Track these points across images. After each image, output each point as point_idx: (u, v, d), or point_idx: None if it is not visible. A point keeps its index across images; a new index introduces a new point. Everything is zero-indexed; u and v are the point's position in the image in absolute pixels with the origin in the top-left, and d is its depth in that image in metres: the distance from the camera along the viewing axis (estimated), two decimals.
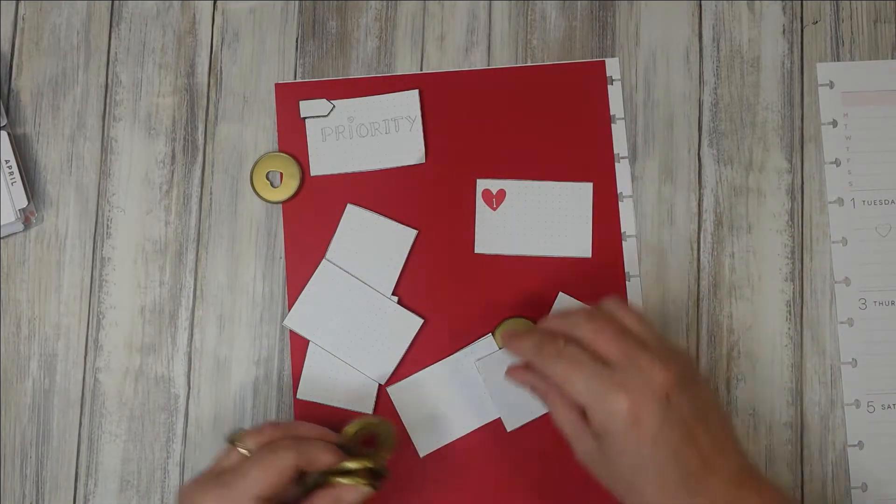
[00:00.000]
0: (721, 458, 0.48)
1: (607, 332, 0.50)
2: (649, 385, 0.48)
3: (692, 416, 0.48)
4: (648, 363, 0.48)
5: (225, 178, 0.62)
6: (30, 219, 0.61)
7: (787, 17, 0.63)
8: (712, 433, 0.48)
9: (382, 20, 0.63)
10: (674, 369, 0.48)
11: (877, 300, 0.60)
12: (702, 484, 0.47)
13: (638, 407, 0.47)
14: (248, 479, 0.49)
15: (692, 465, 0.47)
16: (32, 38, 0.63)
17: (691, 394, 0.48)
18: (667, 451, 0.47)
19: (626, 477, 0.49)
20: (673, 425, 0.47)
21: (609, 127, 0.62)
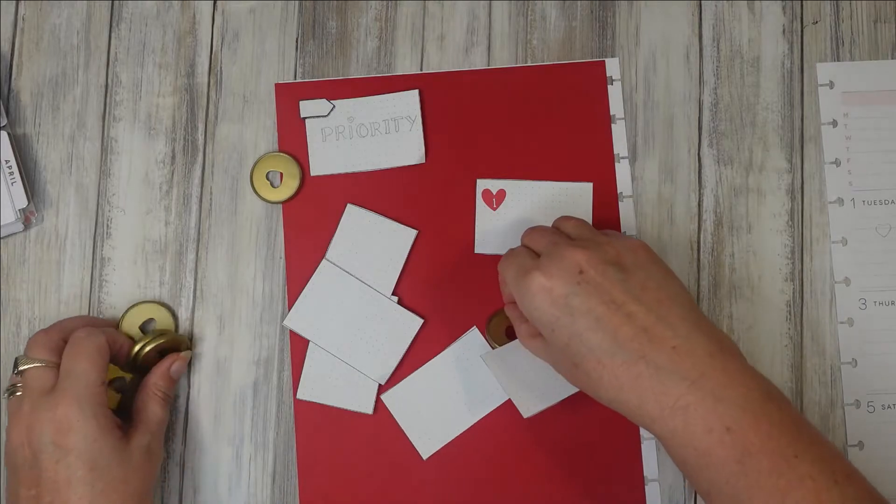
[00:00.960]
0: (665, 327, 0.47)
1: (541, 234, 0.53)
2: (562, 262, 0.49)
3: (621, 290, 0.47)
4: (566, 248, 0.50)
5: (225, 178, 0.62)
6: (30, 219, 0.61)
7: (787, 17, 0.63)
8: (652, 304, 0.47)
9: (382, 20, 0.63)
10: (594, 252, 0.49)
11: (877, 300, 0.60)
12: (640, 351, 0.46)
13: (549, 280, 0.48)
14: (79, 374, 0.51)
15: (624, 334, 0.46)
16: (32, 39, 0.63)
17: (621, 272, 0.48)
18: (587, 320, 0.47)
19: (568, 358, 0.48)
20: (590, 294, 0.47)
21: (609, 127, 0.62)
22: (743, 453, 0.44)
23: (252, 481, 0.60)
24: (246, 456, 0.60)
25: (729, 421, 0.44)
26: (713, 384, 0.45)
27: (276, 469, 0.60)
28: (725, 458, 0.44)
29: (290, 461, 0.60)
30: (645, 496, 0.59)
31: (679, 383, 0.45)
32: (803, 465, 0.44)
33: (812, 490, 0.44)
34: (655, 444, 0.59)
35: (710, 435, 0.45)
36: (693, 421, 0.45)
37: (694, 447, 0.45)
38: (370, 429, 0.59)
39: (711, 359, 0.46)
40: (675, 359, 0.46)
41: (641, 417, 0.46)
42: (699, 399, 0.45)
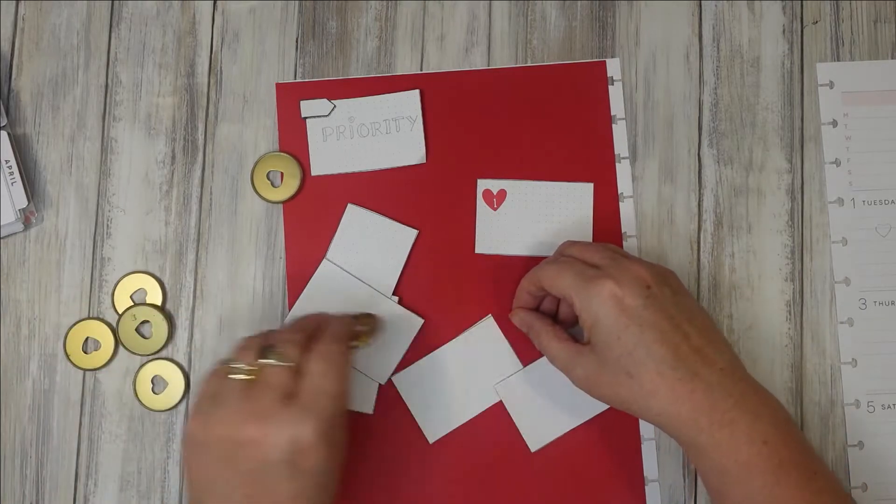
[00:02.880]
0: (713, 351, 0.51)
1: (595, 248, 0.55)
2: (631, 275, 0.51)
3: (677, 311, 0.51)
4: (630, 262, 0.52)
5: (225, 178, 0.62)
6: (30, 219, 0.61)
7: (787, 17, 0.63)
8: (700, 329, 0.51)
9: (382, 20, 0.63)
10: (654, 271, 0.52)
11: (877, 300, 0.60)
12: (696, 369, 0.50)
13: (621, 289, 0.51)
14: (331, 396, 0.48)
15: (683, 351, 0.50)
16: (32, 39, 0.63)
17: (675, 295, 0.52)
18: (655, 333, 0.50)
19: (623, 367, 0.50)
20: (657, 308, 0.50)
21: (610, 127, 0.62)
22: (778, 465, 0.49)
23: None
24: None
25: (766, 435, 0.49)
26: (753, 403, 0.50)
27: None
28: (763, 469, 0.49)
29: None
30: (645, 496, 0.59)
31: (727, 399, 0.49)
32: (821, 481, 0.50)
33: (829, 496, 0.49)
34: (655, 444, 0.59)
35: (752, 447, 0.49)
36: (737, 434, 0.49)
37: (737, 458, 0.49)
38: (371, 427, 0.59)
39: (746, 382, 0.51)
40: (723, 379, 0.50)
41: (690, 428, 0.50)
42: (742, 414, 0.49)
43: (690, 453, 0.51)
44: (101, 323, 0.60)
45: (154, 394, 0.60)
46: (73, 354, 0.60)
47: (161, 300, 0.61)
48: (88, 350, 0.60)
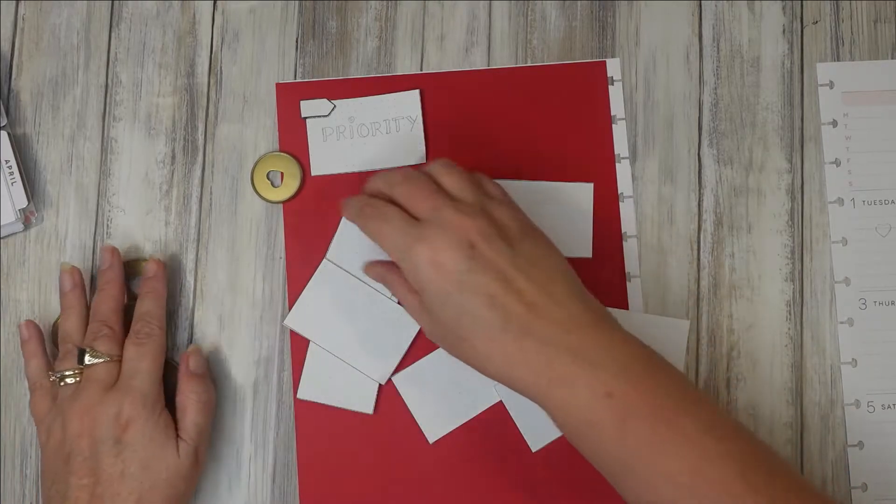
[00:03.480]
0: (551, 304, 0.47)
1: (421, 191, 0.50)
2: (450, 234, 0.48)
3: (510, 265, 0.48)
4: (452, 214, 0.49)
5: (225, 178, 0.62)
6: (30, 219, 0.61)
7: (787, 17, 0.63)
8: (538, 282, 0.48)
9: (382, 20, 0.63)
10: (482, 221, 0.49)
11: (877, 300, 0.60)
12: (528, 327, 0.47)
13: (438, 255, 0.48)
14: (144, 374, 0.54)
15: (514, 310, 0.47)
16: (32, 38, 0.63)
17: (510, 246, 0.49)
18: (480, 297, 0.47)
19: (454, 331, 0.49)
20: (483, 269, 0.47)
21: (610, 127, 0.62)
22: (624, 416, 0.46)
23: (252, 481, 0.60)
24: (246, 456, 0.60)
25: (608, 387, 0.46)
26: (593, 355, 0.47)
27: (276, 469, 0.60)
28: (607, 423, 0.46)
29: (290, 461, 0.60)
30: None
31: (563, 355, 0.46)
32: (685, 425, 0.46)
33: (694, 448, 0.45)
34: None
35: (593, 401, 0.46)
36: (577, 390, 0.46)
37: (579, 416, 0.46)
38: (370, 428, 0.59)
39: (593, 330, 0.48)
40: (560, 333, 0.47)
41: (530, 391, 0.48)
42: (581, 369, 0.46)
43: (545, 411, 0.49)
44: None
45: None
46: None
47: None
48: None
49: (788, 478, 0.47)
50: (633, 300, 0.60)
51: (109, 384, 0.54)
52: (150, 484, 0.52)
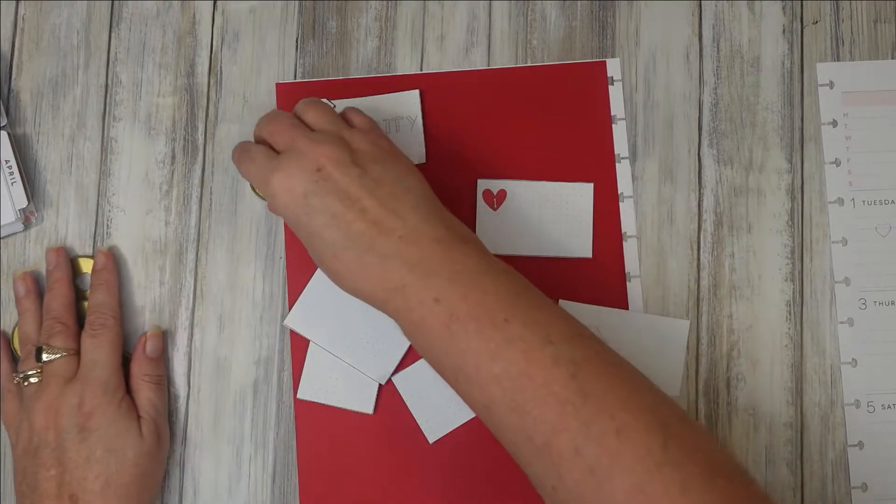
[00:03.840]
0: (395, 219, 0.49)
1: (280, 126, 0.53)
2: (300, 162, 0.50)
3: (357, 186, 0.49)
4: (305, 144, 0.51)
5: (225, 178, 0.62)
6: (30, 219, 0.61)
7: (787, 17, 0.63)
8: (384, 198, 0.49)
9: (382, 20, 0.63)
10: (333, 147, 0.50)
11: (877, 300, 0.60)
12: (370, 243, 0.49)
13: (289, 180, 0.50)
14: (103, 364, 0.55)
15: (357, 228, 0.49)
16: (32, 39, 0.63)
17: (358, 166, 0.50)
18: (323, 217, 0.49)
19: (311, 252, 0.51)
20: (328, 192, 0.49)
21: (610, 127, 0.62)
22: (450, 319, 0.47)
23: (252, 481, 0.60)
24: (246, 456, 0.60)
25: (437, 293, 0.47)
26: (430, 264, 0.48)
27: (276, 469, 0.60)
28: (435, 325, 0.47)
29: (290, 461, 0.60)
30: None
31: (401, 267, 0.48)
32: (514, 328, 0.46)
33: (522, 350, 0.46)
34: None
35: (422, 306, 0.48)
36: (408, 297, 0.48)
37: (411, 320, 0.48)
38: (370, 428, 0.59)
39: (436, 244, 0.49)
40: (401, 247, 0.49)
41: (374, 302, 0.50)
42: (415, 277, 0.48)
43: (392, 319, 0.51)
44: None
45: None
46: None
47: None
48: None
49: (625, 386, 0.46)
50: (633, 300, 0.60)
51: (69, 377, 0.55)
52: (116, 466, 0.54)
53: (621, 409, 0.45)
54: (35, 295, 0.59)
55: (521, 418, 0.45)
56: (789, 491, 0.59)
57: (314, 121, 0.53)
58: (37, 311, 0.59)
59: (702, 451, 0.45)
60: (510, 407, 0.46)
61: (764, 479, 0.59)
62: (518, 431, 0.46)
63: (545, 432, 0.45)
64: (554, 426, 0.45)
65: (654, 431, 0.44)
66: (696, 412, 0.59)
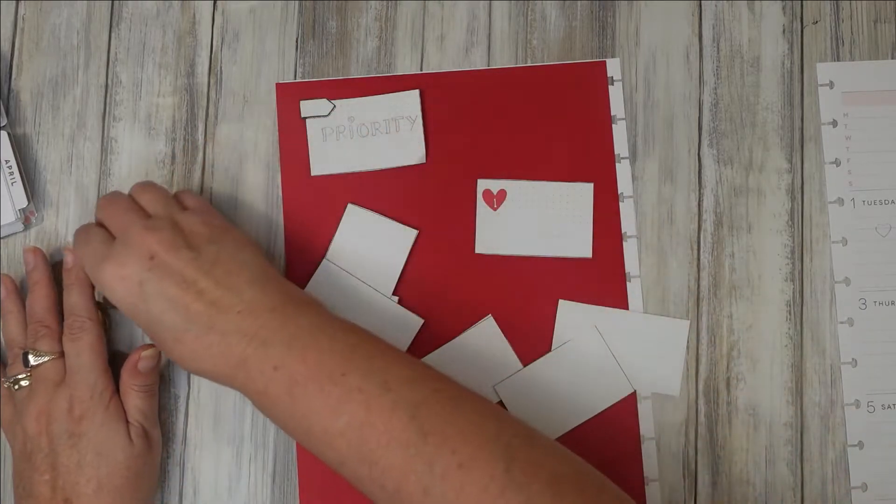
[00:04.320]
0: (232, 296, 0.49)
1: (115, 212, 0.54)
2: (134, 249, 0.50)
3: (193, 269, 0.50)
4: (138, 231, 0.51)
5: (225, 178, 0.62)
6: (30, 219, 0.61)
7: (786, 17, 0.63)
8: (220, 277, 0.50)
9: (382, 20, 0.63)
10: (165, 233, 0.51)
11: (877, 300, 0.60)
12: (210, 323, 0.49)
13: (122, 269, 0.50)
14: (88, 368, 0.54)
15: (195, 310, 0.49)
16: (32, 39, 0.63)
17: (192, 250, 0.50)
18: (161, 303, 0.49)
19: (154, 339, 0.51)
20: (161, 277, 0.49)
21: (610, 127, 0.62)
22: (291, 384, 0.47)
23: (252, 481, 0.60)
24: (246, 456, 0.60)
25: (276, 360, 0.48)
26: (267, 333, 0.49)
27: (276, 469, 0.60)
28: (277, 392, 0.48)
29: (290, 461, 0.60)
30: (645, 496, 0.59)
31: (240, 341, 0.49)
32: (352, 380, 0.47)
33: (361, 401, 0.46)
34: (655, 444, 0.59)
35: (263, 376, 0.48)
36: (250, 369, 0.48)
37: (255, 391, 0.49)
38: None
39: (272, 312, 0.49)
40: (239, 322, 0.49)
41: (221, 380, 0.50)
42: (254, 350, 0.48)
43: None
44: None
45: None
46: None
47: None
48: None
49: (465, 418, 0.47)
50: (633, 300, 0.60)
51: (59, 380, 0.55)
52: (107, 469, 0.54)
53: (462, 442, 0.45)
54: (16, 296, 0.59)
55: (370, 469, 0.46)
56: (789, 491, 0.59)
57: (147, 204, 0.54)
58: (20, 313, 0.58)
59: (546, 467, 0.45)
60: (359, 459, 0.46)
61: (764, 479, 0.59)
62: (371, 482, 0.46)
63: (395, 478, 0.46)
64: (402, 471, 0.45)
65: (497, 458, 0.45)
66: (696, 412, 0.60)
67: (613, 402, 0.59)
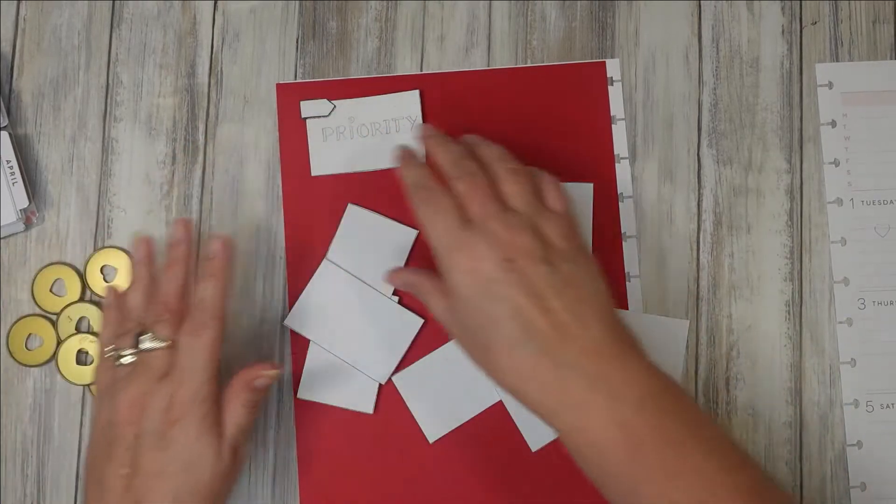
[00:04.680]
0: (579, 327, 0.47)
1: (477, 195, 0.51)
2: (492, 246, 0.48)
3: (545, 283, 0.48)
4: (499, 227, 0.49)
5: (225, 178, 0.62)
6: (31, 219, 0.61)
7: (786, 17, 0.63)
8: (571, 302, 0.48)
9: (382, 20, 0.63)
10: (527, 238, 0.49)
11: (876, 300, 0.60)
12: (548, 347, 0.47)
13: (476, 263, 0.48)
14: (199, 370, 0.50)
15: (538, 327, 0.47)
16: (33, 39, 0.63)
17: (553, 265, 0.49)
18: (507, 307, 0.47)
19: (478, 339, 0.49)
20: (513, 283, 0.48)
21: (609, 127, 0.62)
22: (635, 446, 0.46)
23: (252, 481, 0.60)
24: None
25: (622, 417, 0.46)
26: (611, 384, 0.47)
27: (276, 468, 0.60)
28: (617, 451, 0.46)
29: (290, 460, 0.60)
30: None
31: (579, 381, 0.46)
32: (696, 457, 0.46)
33: (698, 477, 0.45)
34: None
35: (605, 431, 0.46)
36: (590, 417, 0.46)
37: (589, 441, 0.46)
38: (370, 428, 0.59)
39: (615, 360, 0.47)
40: (581, 358, 0.47)
41: (539, 409, 0.48)
42: (596, 397, 0.46)
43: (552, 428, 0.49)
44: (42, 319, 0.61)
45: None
46: (16, 351, 0.60)
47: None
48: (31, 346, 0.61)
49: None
50: (632, 300, 0.60)
51: (164, 372, 0.51)
52: (188, 486, 0.50)
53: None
54: (150, 265, 0.55)
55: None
56: (788, 490, 0.59)
57: (512, 196, 0.51)
58: (148, 284, 0.54)
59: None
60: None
61: None
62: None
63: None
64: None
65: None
66: None
67: None
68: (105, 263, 0.61)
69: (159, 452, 0.49)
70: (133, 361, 0.52)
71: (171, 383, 0.50)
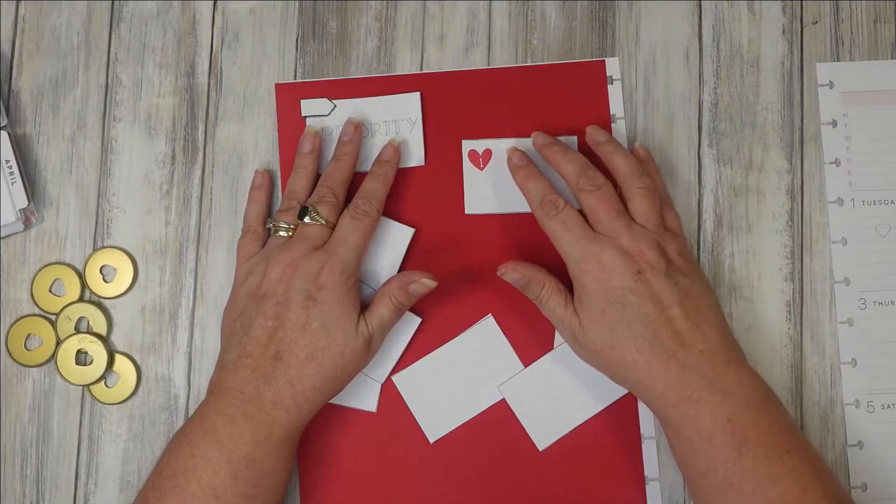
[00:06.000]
0: (696, 334, 0.53)
1: (606, 210, 0.55)
2: (623, 258, 0.53)
3: (668, 294, 0.53)
4: (629, 242, 0.54)
5: (225, 178, 0.62)
6: (30, 219, 0.61)
7: (786, 17, 0.63)
8: (689, 311, 0.53)
9: (382, 20, 0.63)
10: (653, 254, 0.54)
11: (876, 300, 0.60)
12: (672, 350, 0.52)
13: (607, 273, 0.53)
14: (351, 247, 0.56)
15: (662, 332, 0.53)
16: (33, 39, 0.63)
17: (673, 279, 0.54)
18: (636, 314, 0.53)
19: (606, 338, 0.53)
20: (641, 293, 0.53)
21: (609, 127, 0.62)
22: (742, 442, 0.51)
23: None
24: None
25: (731, 414, 0.51)
26: (725, 384, 0.52)
27: None
28: (725, 444, 0.51)
29: None
30: (645, 496, 0.59)
31: (698, 380, 0.52)
32: (793, 460, 0.51)
33: (799, 481, 0.50)
34: (656, 443, 0.59)
35: (715, 423, 0.51)
36: (703, 410, 0.52)
37: (699, 431, 0.52)
38: (371, 427, 0.59)
39: (728, 365, 0.53)
40: (700, 360, 0.52)
41: (660, 402, 0.53)
42: (711, 394, 0.52)
43: (662, 423, 0.55)
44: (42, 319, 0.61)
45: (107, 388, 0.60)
46: (15, 351, 0.60)
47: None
48: (31, 347, 0.60)
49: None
50: None
51: (318, 246, 0.56)
52: (324, 344, 0.54)
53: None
54: (316, 156, 0.60)
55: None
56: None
57: (640, 215, 0.56)
58: (312, 172, 0.59)
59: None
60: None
61: None
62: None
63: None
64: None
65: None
66: None
67: (614, 400, 0.59)
68: (104, 263, 0.61)
69: (304, 310, 0.54)
70: (289, 235, 0.56)
71: (325, 254, 0.55)
